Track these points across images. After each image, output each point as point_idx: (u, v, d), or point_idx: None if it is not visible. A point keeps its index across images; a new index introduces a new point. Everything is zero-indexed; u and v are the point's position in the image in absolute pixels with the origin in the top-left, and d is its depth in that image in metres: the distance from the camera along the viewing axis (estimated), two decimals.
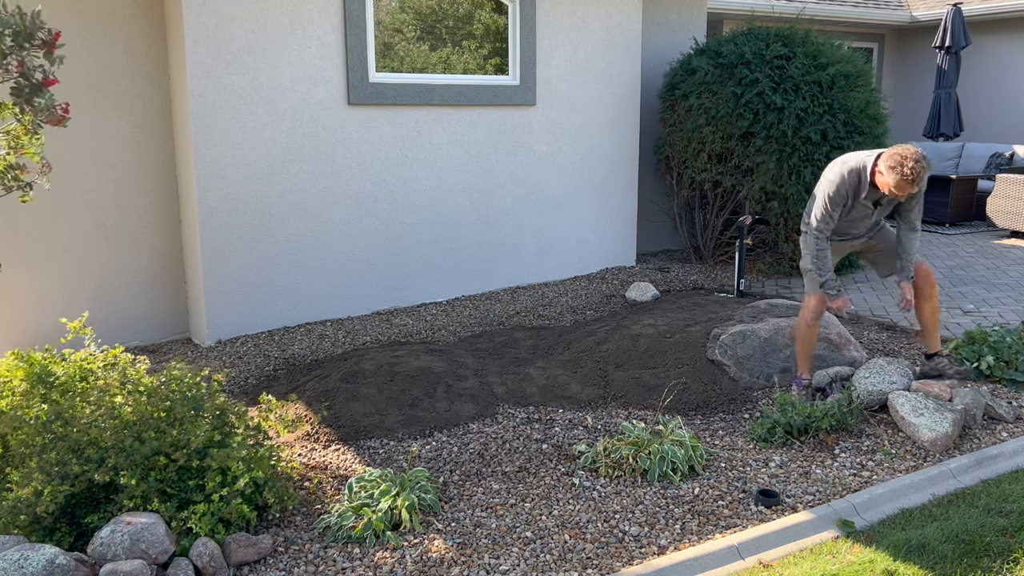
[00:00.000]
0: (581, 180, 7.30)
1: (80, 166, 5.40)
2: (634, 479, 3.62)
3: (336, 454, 3.87)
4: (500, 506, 3.41)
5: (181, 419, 3.23)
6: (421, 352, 4.96)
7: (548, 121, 7.01)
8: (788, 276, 7.57)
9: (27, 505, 2.88)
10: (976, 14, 11.88)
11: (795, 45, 7.34)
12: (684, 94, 7.59)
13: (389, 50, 6.23)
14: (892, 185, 4.02)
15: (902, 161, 3.97)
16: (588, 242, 7.45)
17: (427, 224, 6.50)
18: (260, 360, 5.27)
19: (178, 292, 5.88)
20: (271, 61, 5.60)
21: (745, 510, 3.38)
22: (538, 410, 4.38)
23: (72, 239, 5.44)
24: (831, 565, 2.99)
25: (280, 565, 3.00)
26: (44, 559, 2.60)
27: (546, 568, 2.98)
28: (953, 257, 8.34)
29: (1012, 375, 4.70)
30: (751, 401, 4.50)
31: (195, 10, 5.26)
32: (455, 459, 3.83)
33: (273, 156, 5.71)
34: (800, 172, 7.04)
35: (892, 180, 4.01)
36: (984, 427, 4.17)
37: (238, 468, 3.08)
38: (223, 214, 5.56)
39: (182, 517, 2.99)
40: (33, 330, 5.38)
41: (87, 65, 5.33)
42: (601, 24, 7.20)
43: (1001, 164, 10.55)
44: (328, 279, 6.09)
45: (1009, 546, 3.11)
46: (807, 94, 7.09)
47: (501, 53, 6.75)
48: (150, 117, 5.61)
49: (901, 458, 3.83)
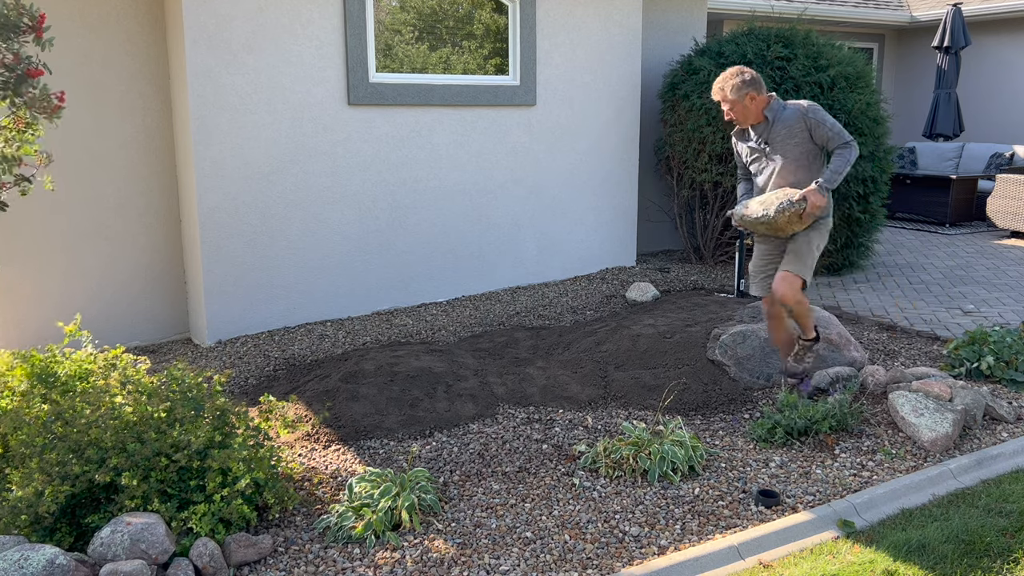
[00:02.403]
0: (581, 180, 7.30)
1: (80, 166, 5.40)
2: (634, 479, 3.62)
3: (336, 454, 3.87)
4: (500, 506, 3.41)
5: (182, 420, 3.23)
6: (421, 352, 4.96)
7: (548, 121, 7.01)
8: None
9: (27, 505, 2.88)
10: (976, 14, 11.88)
11: (796, 46, 7.34)
12: (685, 94, 7.59)
13: (389, 50, 6.23)
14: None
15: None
16: (588, 242, 7.45)
17: (427, 224, 6.50)
18: (260, 360, 5.27)
19: (178, 292, 5.88)
20: (271, 61, 5.60)
21: (745, 510, 3.38)
22: (538, 410, 4.38)
23: (72, 239, 5.44)
24: (831, 565, 2.99)
25: (280, 565, 3.00)
26: (44, 559, 2.60)
27: (546, 568, 2.98)
28: (953, 257, 8.34)
29: (1012, 375, 4.70)
30: (751, 401, 4.50)
31: (195, 10, 5.26)
32: (455, 459, 3.83)
33: (273, 156, 5.71)
34: None
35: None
36: (984, 427, 4.17)
37: (239, 469, 3.08)
38: (223, 214, 5.56)
39: (182, 517, 2.99)
40: (33, 330, 5.38)
41: (88, 65, 5.33)
42: (601, 24, 7.20)
43: (1001, 164, 10.55)
44: (328, 279, 6.09)
45: (1009, 546, 3.11)
46: (808, 95, 7.09)
47: (501, 53, 6.76)
48: (150, 117, 5.61)
49: (901, 458, 3.83)
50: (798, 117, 4.10)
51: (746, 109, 4.11)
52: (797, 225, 4.09)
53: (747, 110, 4.12)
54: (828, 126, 4.06)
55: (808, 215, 4.02)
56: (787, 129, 4.11)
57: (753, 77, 4.08)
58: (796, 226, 4.10)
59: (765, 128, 4.16)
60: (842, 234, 7.44)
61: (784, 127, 4.12)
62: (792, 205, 4.00)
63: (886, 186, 7.54)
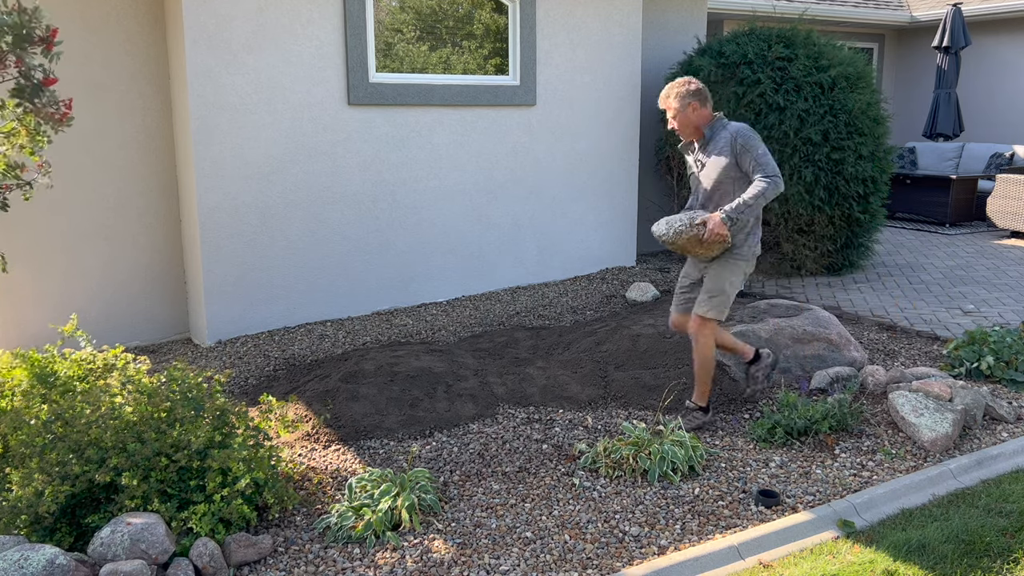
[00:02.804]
0: (581, 180, 7.30)
1: (80, 166, 5.40)
2: (634, 479, 3.62)
3: (336, 454, 3.87)
4: (500, 506, 3.41)
5: (182, 420, 3.23)
6: (421, 352, 4.96)
7: (548, 121, 7.01)
8: (788, 276, 7.57)
9: (28, 505, 2.88)
10: (976, 14, 11.88)
11: (797, 46, 7.34)
12: None
13: (389, 50, 6.23)
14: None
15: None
16: (588, 242, 7.45)
17: (427, 224, 6.50)
18: (260, 360, 5.27)
19: (178, 292, 5.88)
20: (271, 61, 5.60)
21: (745, 510, 3.38)
22: (538, 410, 4.38)
23: (72, 239, 5.44)
24: (831, 565, 2.99)
25: (280, 565, 3.00)
26: (44, 559, 2.60)
27: (546, 568, 2.98)
28: (953, 257, 8.34)
29: (1012, 375, 4.70)
30: (751, 401, 4.50)
31: (195, 10, 5.26)
32: (455, 459, 3.83)
33: (273, 156, 5.71)
34: (801, 172, 7.04)
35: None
36: (984, 427, 4.17)
37: (239, 469, 3.08)
38: (223, 214, 5.56)
39: (182, 517, 2.99)
40: (33, 330, 5.38)
41: (88, 65, 5.33)
42: (601, 24, 7.20)
43: (1001, 164, 10.55)
44: (328, 279, 6.09)
45: (1009, 546, 3.11)
46: (809, 95, 7.10)
47: (501, 53, 6.76)
48: (150, 117, 5.61)
49: (901, 458, 3.83)
50: (728, 140, 3.94)
51: (687, 120, 4.00)
52: (700, 249, 3.92)
53: (688, 121, 4.00)
54: (755, 155, 3.87)
55: (709, 242, 3.87)
56: (718, 149, 3.98)
57: (699, 89, 3.99)
58: (700, 250, 3.93)
59: (703, 144, 4.07)
60: (842, 234, 7.44)
61: (716, 147, 3.98)
62: (690, 228, 3.85)
63: (886, 186, 7.54)
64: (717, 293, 4.02)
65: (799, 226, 7.32)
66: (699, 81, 4.03)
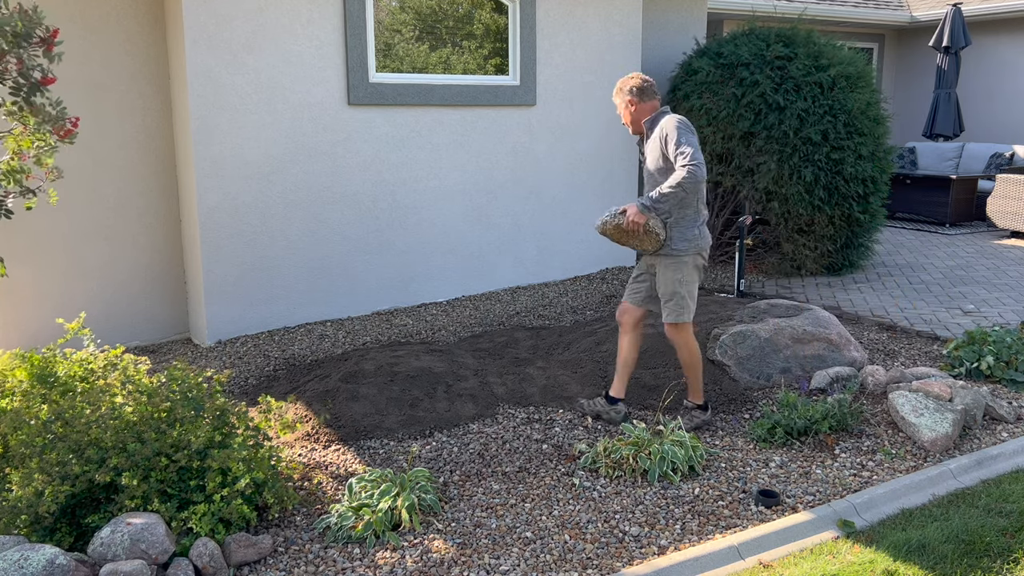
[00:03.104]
0: (581, 180, 7.30)
1: (80, 166, 5.40)
2: (634, 479, 3.62)
3: (336, 454, 3.87)
4: (500, 506, 3.41)
5: (182, 420, 3.23)
6: (421, 352, 4.96)
7: (548, 121, 7.01)
8: (788, 276, 7.57)
9: (28, 505, 2.88)
10: (976, 14, 11.88)
11: (796, 46, 7.34)
12: (685, 94, 7.59)
13: (389, 50, 6.23)
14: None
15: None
16: (588, 242, 7.45)
17: (427, 224, 6.50)
18: (260, 360, 5.27)
19: (178, 292, 5.88)
20: (271, 61, 5.60)
21: (745, 510, 3.38)
22: (538, 410, 4.38)
23: (72, 240, 5.44)
24: (831, 565, 2.99)
25: (280, 565, 3.00)
26: (44, 559, 2.60)
27: (546, 568, 2.98)
28: (953, 257, 8.34)
29: (1012, 375, 4.70)
30: (751, 401, 4.50)
31: (195, 10, 5.26)
32: (455, 459, 3.83)
33: (273, 156, 5.71)
34: (801, 172, 7.04)
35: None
36: (984, 427, 4.17)
37: (238, 469, 3.08)
38: (223, 214, 5.56)
39: (182, 517, 2.99)
40: (33, 330, 5.38)
41: (87, 65, 5.33)
42: (601, 24, 7.20)
43: (1001, 164, 10.55)
44: (328, 279, 6.09)
45: (1009, 546, 3.11)
46: (808, 95, 7.10)
47: (501, 53, 6.76)
48: (150, 117, 5.61)
49: (901, 458, 3.83)
50: (659, 128, 3.92)
51: (629, 115, 4.04)
52: (630, 240, 3.93)
53: (630, 116, 4.04)
54: (673, 141, 3.78)
55: (632, 232, 3.87)
56: (652, 141, 3.99)
57: (639, 87, 3.99)
58: (631, 240, 3.94)
59: (646, 137, 4.08)
60: (842, 234, 7.44)
61: (652, 138, 3.99)
62: (613, 218, 3.88)
63: (886, 186, 7.54)
64: (671, 297, 4.04)
65: (799, 226, 7.32)
66: (643, 76, 4.04)
